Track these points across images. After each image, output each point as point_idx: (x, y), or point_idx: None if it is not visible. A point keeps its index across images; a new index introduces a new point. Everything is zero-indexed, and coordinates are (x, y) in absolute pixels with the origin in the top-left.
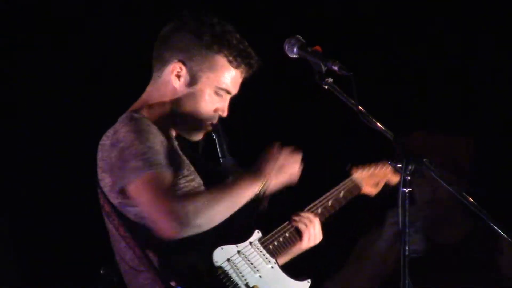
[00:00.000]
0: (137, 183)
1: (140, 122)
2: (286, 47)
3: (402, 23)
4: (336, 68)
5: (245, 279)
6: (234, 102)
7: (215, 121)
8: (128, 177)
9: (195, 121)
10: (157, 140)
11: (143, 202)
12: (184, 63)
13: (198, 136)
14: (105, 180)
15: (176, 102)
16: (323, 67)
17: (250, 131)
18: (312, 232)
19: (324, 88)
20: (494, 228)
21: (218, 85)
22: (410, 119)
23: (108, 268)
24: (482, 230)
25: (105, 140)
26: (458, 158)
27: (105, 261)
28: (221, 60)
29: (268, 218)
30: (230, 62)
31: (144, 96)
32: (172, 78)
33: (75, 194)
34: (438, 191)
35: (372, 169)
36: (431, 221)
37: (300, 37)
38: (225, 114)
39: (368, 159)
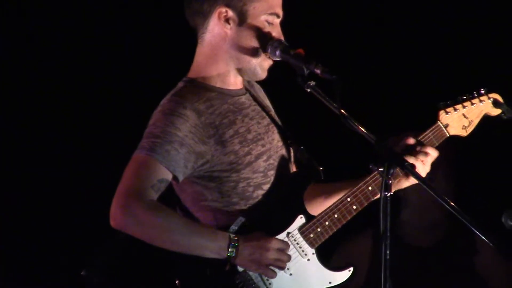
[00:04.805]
0: (132, 158)
1: (175, 104)
2: (269, 49)
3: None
4: (318, 71)
5: (269, 283)
6: None
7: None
8: (136, 150)
9: (256, 57)
10: (184, 127)
11: (123, 175)
12: (227, 5)
13: (263, 73)
14: None
15: (233, 46)
16: (305, 70)
17: None
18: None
19: (307, 91)
20: (475, 231)
21: (266, 11)
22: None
23: (89, 270)
24: (459, 232)
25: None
26: (448, 158)
27: (86, 263)
28: None
29: None
30: None
31: (197, 58)
32: (221, 24)
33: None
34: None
35: (462, 110)
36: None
37: (283, 40)
38: (282, 39)
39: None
